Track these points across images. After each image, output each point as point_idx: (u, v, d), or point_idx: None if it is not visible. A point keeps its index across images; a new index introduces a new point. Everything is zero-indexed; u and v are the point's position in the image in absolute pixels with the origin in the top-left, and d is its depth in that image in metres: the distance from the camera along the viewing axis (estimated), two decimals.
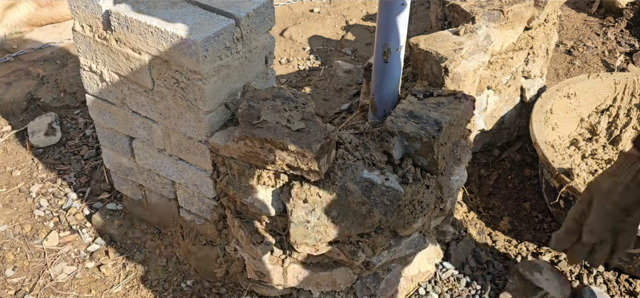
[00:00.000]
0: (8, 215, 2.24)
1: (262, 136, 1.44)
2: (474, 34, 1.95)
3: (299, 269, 1.72)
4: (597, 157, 2.33)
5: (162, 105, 1.66)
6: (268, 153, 1.46)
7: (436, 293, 1.96)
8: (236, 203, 1.65)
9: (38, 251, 2.09)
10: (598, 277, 2.01)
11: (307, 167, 1.44)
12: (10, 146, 2.58)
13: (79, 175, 2.40)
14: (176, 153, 1.76)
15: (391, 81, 1.72)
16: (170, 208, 1.98)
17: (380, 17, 1.60)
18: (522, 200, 2.34)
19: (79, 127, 2.67)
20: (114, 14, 1.56)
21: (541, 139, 2.07)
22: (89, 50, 1.70)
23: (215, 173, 1.69)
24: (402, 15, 1.58)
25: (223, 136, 1.58)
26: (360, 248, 1.60)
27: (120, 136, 1.89)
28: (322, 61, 3.20)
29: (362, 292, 1.78)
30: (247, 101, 1.55)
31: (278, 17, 3.57)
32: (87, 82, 1.81)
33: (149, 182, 1.95)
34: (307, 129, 1.46)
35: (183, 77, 1.54)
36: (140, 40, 1.55)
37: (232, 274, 1.95)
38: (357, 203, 1.50)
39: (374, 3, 3.79)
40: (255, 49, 1.66)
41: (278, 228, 1.64)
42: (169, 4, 1.60)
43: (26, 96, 2.83)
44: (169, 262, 2.05)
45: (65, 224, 2.20)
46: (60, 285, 1.98)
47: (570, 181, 1.90)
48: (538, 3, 2.21)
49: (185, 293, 1.97)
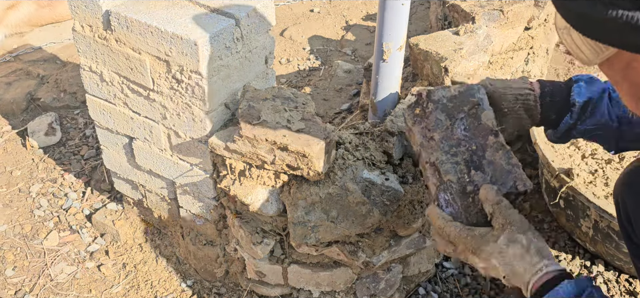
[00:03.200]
0: (8, 215, 2.24)
1: (262, 136, 1.44)
2: (474, 34, 1.95)
3: (299, 269, 1.72)
4: (597, 157, 2.33)
5: (162, 105, 1.66)
6: (268, 153, 1.46)
7: (436, 293, 1.95)
8: (236, 203, 1.65)
9: (38, 251, 2.09)
10: (598, 276, 2.02)
11: (307, 167, 1.44)
12: (10, 146, 2.58)
13: (79, 175, 2.41)
14: (176, 153, 1.76)
15: (391, 81, 1.72)
16: (170, 208, 1.98)
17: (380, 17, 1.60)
18: (522, 200, 2.34)
19: (79, 127, 2.67)
20: (114, 14, 1.56)
21: (541, 139, 2.07)
22: (89, 50, 1.70)
23: (215, 173, 1.69)
24: (402, 15, 1.58)
25: (223, 136, 1.58)
26: (360, 248, 1.60)
27: (120, 136, 1.89)
28: (322, 61, 3.20)
29: (362, 292, 1.78)
30: (247, 101, 1.55)
31: (278, 17, 3.57)
32: (87, 82, 1.81)
33: (149, 182, 1.95)
34: (307, 129, 1.46)
35: (183, 77, 1.54)
36: (140, 40, 1.55)
37: (232, 274, 1.95)
38: (357, 203, 1.50)
39: (374, 3, 3.79)
40: (255, 49, 1.66)
41: (278, 228, 1.64)
42: (169, 4, 1.60)
43: (26, 96, 2.83)
44: (169, 262, 2.05)
45: (65, 224, 2.20)
46: (60, 285, 1.98)
47: (570, 181, 1.90)
48: (538, 3, 2.21)
49: (186, 293, 1.97)
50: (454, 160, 1.20)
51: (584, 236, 2.01)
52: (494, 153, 1.20)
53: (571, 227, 2.06)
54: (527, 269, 1.04)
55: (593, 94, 1.28)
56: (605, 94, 1.28)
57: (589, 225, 1.95)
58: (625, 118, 1.28)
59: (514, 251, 1.05)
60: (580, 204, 1.92)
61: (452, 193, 1.17)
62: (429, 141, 1.24)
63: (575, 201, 1.95)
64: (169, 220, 2.03)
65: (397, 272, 1.80)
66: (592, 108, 1.28)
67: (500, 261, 1.06)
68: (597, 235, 1.94)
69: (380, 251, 1.63)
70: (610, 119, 1.28)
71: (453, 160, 1.20)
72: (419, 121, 1.29)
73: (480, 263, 1.10)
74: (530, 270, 1.03)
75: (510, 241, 1.06)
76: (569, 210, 2.01)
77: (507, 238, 1.06)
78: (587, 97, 1.28)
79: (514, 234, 1.07)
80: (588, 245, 2.03)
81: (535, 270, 1.03)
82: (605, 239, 1.92)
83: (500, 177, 1.17)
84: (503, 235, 1.07)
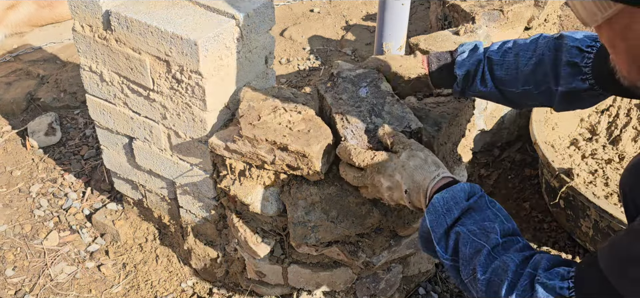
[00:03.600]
0: (8, 215, 2.24)
1: (262, 137, 1.44)
2: (474, 33, 1.95)
3: (299, 269, 1.72)
4: (597, 157, 2.33)
5: (162, 105, 1.66)
6: (268, 154, 1.46)
7: (436, 293, 1.96)
8: (236, 203, 1.65)
9: (38, 251, 2.10)
10: None
11: (307, 167, 1.44)
12: (10, 146, 2.58)
13: (79, 175, 2.41)
14: (176, 153, 1.76)
15: None
16: (170, 208, 1.98)
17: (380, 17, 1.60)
18: (522, 200, 2.34)
19: (79, 127, 2.67)
20: (114, 14, 1.56)
21: (541, 139, 2.07)
22: (89, 50, 1.70)
23: (215, 173, 1.69)
24: (402, 15, 1.58)
25: (223, 136, 1.58)
26: (360, 248, 1.60)
27: (120, 136, 1.89)
28: (322, 61, 3.20)
29: (362, 292, 1.78)
30: (247, 101, 1.55)
31: (278, 17, 3.57)
32: (87, 82, 1.81)
33: (149, 182, 1.95)
34: (307, 129, 1.46)
35: (183, 77, 1.54)
36: (140, 40, 1.55)
37: (232, 274, 1.95)
38: (357, 203, 1.50)
39: (374, 3, 3.79)
40: (255, 49, 1.66)
41: (278, 228, 1.64)
42: (169, 4, 1.60)
43: (26, 96, 2.83)
44: (169, 262, 2.05)
45: (65, 224, 2.20)
46: (60, 285, 1.98)
47: (570, 181, 1.90)
48: (538, 3, 2.21)
49: (186, 293, 1.97)
50: (358, 110, 1.45)
51: (584, 236, 2.01)
52: (391, 107, 1.46)
53: (571, 227, 2.06)
54: (426, 177, 1.19)
55: (471, 67, 1.45)
56: (480, 64, 1.44)
57: (589, 225, 1.95)
58: (499, 80, 1.44)
59: (414, 163, 1.22)
60: (580, 204, 1.92)
61: (355, 130, 1.40)
62: (338, 101, 1.49)
63: (575, 201, 1.95)
64: (169, 220, 2.03)
65: (397, 272, 1.80)
66: (472, 78, 1.46)
67: (403, 174, 1.22)
68: (597, 235, 1.94)
69: (380, 251, 1.63)
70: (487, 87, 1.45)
71: (357, 110, 1.45)
72: (330, 89, 1.54)
73: (385, 182, 1.25)
74: (428, 177, 1.19)
75: (410, 155, 1.23)
76: (569, 210, 2.01)
77: (408, 153, 1.24)
78: (466, 70, 1.45)
79: (413, 151, 1.25)
80: (588, 245, 2.03)
81: (433, 176, 1.18)
82: (606, 239, 1.92)
83: (396, 120, 1.42)
84: (404, 152, 1.25)
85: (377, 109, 1.45)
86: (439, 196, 1.13)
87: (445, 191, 1.13)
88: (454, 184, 1.16)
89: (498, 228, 1.07)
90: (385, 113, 1.44)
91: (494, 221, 1.08)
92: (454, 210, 1.11)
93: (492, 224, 1.08)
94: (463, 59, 1.45)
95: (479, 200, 1.12)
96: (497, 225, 1.08)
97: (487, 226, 1.08)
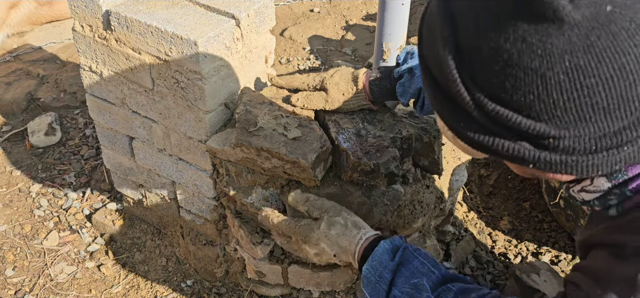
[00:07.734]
0: (8, 215, 2.24)
1: (258, 145, 1.43)
2: None
3: (299, 269, 1.72)
4: None
5: (162, 105, 1.66)
6: (265, 160, 1.46)
7: None
8: (236, 203, 1.65)
9: (38, 251, 2.10)
10: None
11: (303, 176, 1.44)
12: (10, 146, 2.58)
13: (79, 175, 2.41)
14: (176, 153, 1.76)
15: None
16: (170, 208, 1.98)
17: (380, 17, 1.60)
18: (522, 200, 2.34)
19: (79, 127, 2.67)
20: (114, 14, 1.56)
21: None
22: (89, 50, 1.70)
23: (215, 173, 1.69)
24: (402, 15, 1.58)
25: (220, 140, 1.58)
26: None
27: (120, 136, 1.89)
28: (322, 61, 3.20)
29: (362, 292, 1.78)
30: (244, 105, 1.55)
31: (278, 17, 3.57)
32: (87, 82, 1.81)
33: (149, 182, 1.95)
34: (303, 137, 1.46)
35: (183, 77, 1.53)
36: (140, 40, 1.55)
37: (232, 274, 1.95)
38: (357, 203, 1.50)
39: (374, 3, 3.79)
40: (255, 49, 1.66)
41: None
42: (169, 4, 1.60)
43: (26, 96, 2.83)
44: (169, 262, 2.05)
45: (65, 224, 2.20)
46: (60, 285, 1.98)
47: None
48: None
49: (185, 293, 1.97)
50: (350, 116, 1.52)
51: None
52: (382, 115, 1.53)
53: (571, 227, 2.06)
54: (351, 241, 1.22)
55: (413, 95, 1.42)
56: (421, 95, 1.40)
57: None
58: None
59: (335, 231, 1.24)
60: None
61: (348, 134, 1.46)
62: None
63: (575, 201, 1.94)
64: (169, 220, 2.03)
65: None
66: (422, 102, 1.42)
67: (327, 243, 1.24)
68: None
69: None
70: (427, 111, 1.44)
71: (350, 116, 1.52)
72: None
73: (312, 250, 1.27)
74: (353, 241, 1.21)
75: (330, 224, 1.25)
76: (569, 210, 2.01)
77: (327, 223, 1.25)
78: (409, 97, 1.43)
79: (331, 218, 1.26)
80: None
81: (356, 240, 1.21)
82: None
83: (387, 127, 1.48)
84: (323, 222, 1.26)
85: (369, 119, 1.52)
86: (368, 266, 1.15)
87: (371, 258, 1.15)
88: (376, 240, 1.19)
89: (427, 284, 1.08)
90: (377, 120, 1.51)
91: (422, 276, 1.09)
92: (385, 274, 1.13)
93: (420, 280, 1.09)
94: (404, 88, 1.40)
95: (403, 253, 1.14)
96: (425, 280, 1.08)
97: (417, 283, 1.09)
